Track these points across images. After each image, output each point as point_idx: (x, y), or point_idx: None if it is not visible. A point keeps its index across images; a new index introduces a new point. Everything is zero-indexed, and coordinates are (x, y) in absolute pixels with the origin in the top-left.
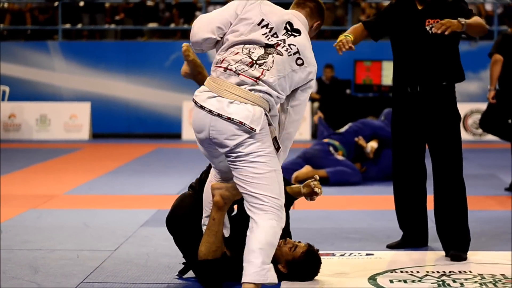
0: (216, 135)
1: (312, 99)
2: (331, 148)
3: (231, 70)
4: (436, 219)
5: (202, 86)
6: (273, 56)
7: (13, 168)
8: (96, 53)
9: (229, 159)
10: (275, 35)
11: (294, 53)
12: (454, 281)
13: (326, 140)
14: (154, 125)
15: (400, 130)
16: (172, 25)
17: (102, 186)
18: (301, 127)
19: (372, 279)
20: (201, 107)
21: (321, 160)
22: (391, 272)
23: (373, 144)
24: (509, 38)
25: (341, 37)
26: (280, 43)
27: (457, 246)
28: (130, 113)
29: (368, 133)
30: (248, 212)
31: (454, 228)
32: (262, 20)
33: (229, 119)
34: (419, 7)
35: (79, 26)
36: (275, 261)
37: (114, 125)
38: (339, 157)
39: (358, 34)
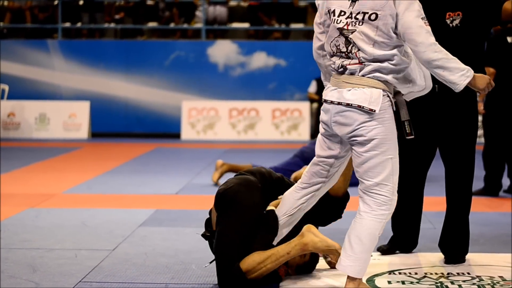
0: (339, 120)
1: (311, 100)
2: None
3: (338, 68)
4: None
5: (328, 84)
6: (350, 37)
7: (12, 167)
8: (95, 52)
9: (350, 143)
10: (339, 18)
11: (362, 19)
12: (452, 282)
13: None
14: (153, 124)
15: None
16: (172, 25)
17: (101, 186)
18: (299, 127)
19: (370, 280)
20: (325, 100)
21: None
22: (389, 274)
23: None
24: (497, 42)
25: None
26: (347, 21)
27: (456, 250)
28: (129, 112)
29: None
30: (361, 198)
31: (456, 233)
32: (328, 10)
33: (348, 105)
34: None
35: (79, 25)
36: (285, 264)
37: (113, 124)
38: None
39: None
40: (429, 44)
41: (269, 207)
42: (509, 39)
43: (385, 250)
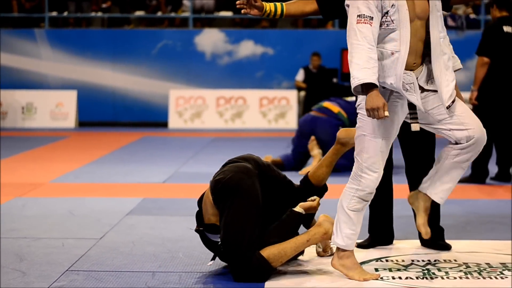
0: None
1: (298, 88)
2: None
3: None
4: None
5: None
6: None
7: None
8: (82, 41)
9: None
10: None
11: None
12: (439, 269)
13: (336, 110)
14: (141, 113)
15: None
16: (159, 13)
17: (88, 175)
18: (287, 115)
19: None
20: None
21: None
22: (376, 261)
23: None
24: (493, 31)
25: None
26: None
27: (437, 236)
28: (117, 102)
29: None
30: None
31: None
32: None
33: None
34: None
35: (66, 14)
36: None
37: (101, 114)
38: None
39: (299, 6)
40: (350, 43)
41: (298, 209)
42: (505, 28)
43: (365, 245)
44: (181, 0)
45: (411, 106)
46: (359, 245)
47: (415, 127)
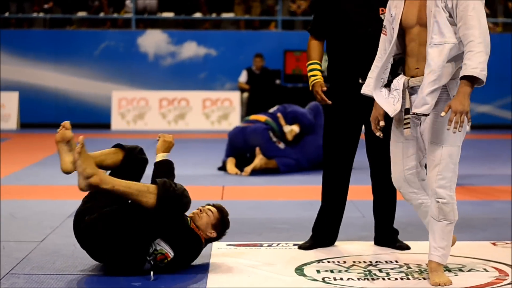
0: None
1: (241, 89)
2: (271, 135)
3: None
4: (374, 210)
5: None
6: None
7: None
8: (24, 42)
9: None
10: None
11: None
12: (380, 270)
13: (263, 119)
14: (84, 115)
15: (339, 121)
16: (102, 14)
17: (30, 177)
18: (230, 116)
19: (299, 269)
20: None
21: (267, 149)
22: (318, 263)
23: (294, 128)
24: None
25: (312, 78)
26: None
27: (392, 236)
28: (59, 103)
29: (291, 116)
30: None
31: (387, 220)
32: None
33: None
34: None
35: (7, 14)
36: (202, 230)
37: (43, 115)
38: (280, 145)
39: (320, 52)
40: None
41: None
42: None
43: (306, 247)
44: (123, 1)
45: (406, 111)
46: (301, 247)
47: (406, 132)
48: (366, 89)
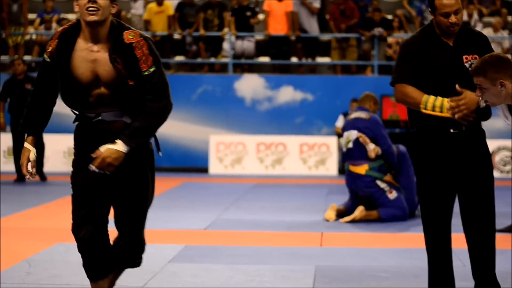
0: None
1: (338, 134)
2: (379, 183)
3: None
4: (472, 262)
5: None
6: None
7: (40, 201)
8: None
9: None
10: None
11: None
12: None
13: (363, 171)
14: (181, 159)
15: (432, 173)
16: (199, 59)
17: None
18: (327, 161)
19: None
20: None
21: (376, 201)
22: None
23: (378, 149)
24: None
25: (443, 104)
26: None
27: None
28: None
29: (371, 136)
30: None
31: (486, 272)
32: None
33: None
34: (450, 43)
35: None
36: None
37: None
38: (391, 195)
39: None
40: None
41: None
42: None
43: None
44: (221, 46)
45: None
46: None
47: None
48: None
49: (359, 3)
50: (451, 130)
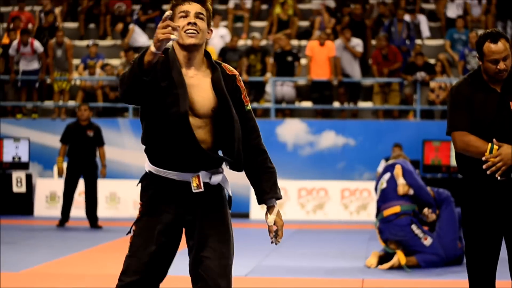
0: None
1: None
2: (414, 228)
3: None
4: None
5: None
6: None
7: (84, 247)
8: None
9: None
10: None
11: None
12: None
13: (398, 209)
14: None
15: (480, 218)
16: None
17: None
18: (369, 207)
19: None
20: None
21: (410, 247)
22: None
23: (407, 187)
24: None
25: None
26: None
27: None
28: None
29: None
30: None
31: None
32: None
33: None
34: (497, 89)
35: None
36: None
37: None
38: (426, 242)
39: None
40: None
41: None
42: None
43: None
44: (263, 91)
45: None
46: None
47: None
48: None
49: (401, 47)
50: (498, 178)
